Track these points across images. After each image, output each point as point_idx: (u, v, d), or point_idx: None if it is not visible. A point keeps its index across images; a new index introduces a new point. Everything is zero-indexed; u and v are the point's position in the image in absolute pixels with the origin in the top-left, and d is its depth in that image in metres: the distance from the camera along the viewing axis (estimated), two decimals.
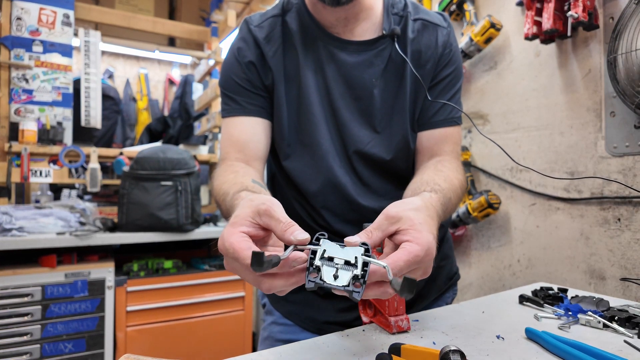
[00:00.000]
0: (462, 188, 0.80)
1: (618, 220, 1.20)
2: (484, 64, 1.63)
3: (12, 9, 2.19)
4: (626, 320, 0.69)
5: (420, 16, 0.89)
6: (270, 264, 0.43)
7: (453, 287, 1.01)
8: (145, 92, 4.33)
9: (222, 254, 0.51)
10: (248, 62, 0.86)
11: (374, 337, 0.65)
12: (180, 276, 2.03)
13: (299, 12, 0.88)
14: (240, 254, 0.47)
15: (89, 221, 2.01)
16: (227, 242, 0.49)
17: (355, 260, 0.46)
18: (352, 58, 0.85)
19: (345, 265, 0.46)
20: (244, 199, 0.57)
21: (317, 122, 0.85)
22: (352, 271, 0.45)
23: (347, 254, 0.46)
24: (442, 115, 0.88)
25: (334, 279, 0.45)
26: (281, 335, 0.92)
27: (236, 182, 0.72)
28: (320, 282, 0.45)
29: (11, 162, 2.04)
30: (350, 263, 0.46)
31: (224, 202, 0.71)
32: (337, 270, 0.45)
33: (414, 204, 0.57)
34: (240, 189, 0.68)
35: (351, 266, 0.46)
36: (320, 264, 0.45)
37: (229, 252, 0.49)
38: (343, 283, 0.44)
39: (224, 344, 2.10)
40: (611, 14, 1.21)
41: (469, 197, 1.58)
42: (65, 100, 2.30)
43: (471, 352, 0.59)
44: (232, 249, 0.48)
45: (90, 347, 1.82)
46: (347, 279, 0.45)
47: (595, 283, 1.25)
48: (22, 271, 1.72)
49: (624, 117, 1.17)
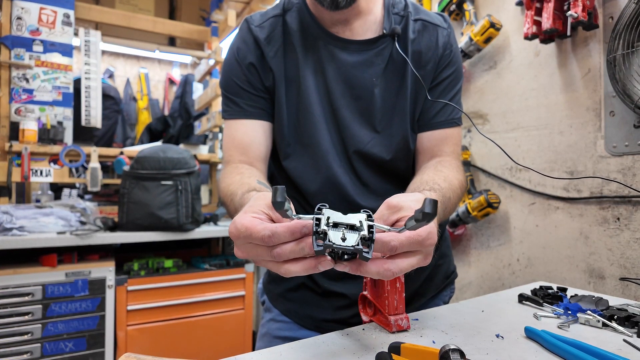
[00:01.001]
0: (461, 188, 0.81)
1: (617, 219, 1.20)
2: (484, 63, 1.63)
3: (13, 9, 2.19)
4: (625, 319, 0.69)
5: (420, 17, 0.89)
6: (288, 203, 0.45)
7: (450, 286, 1.01)
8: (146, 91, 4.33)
9: (234, 238, 0.51)
10: (248, 63, 0.87)
11: (373, 336, 0.65)
12: (180, 275, 2.04)
13: (299, 12, 0.88)
14: (253, 229, 0.48)
15: (89, 220, 2.01)
16: (239, 223, 0.49)
17: (360, 224, 0.47)
18: (353, 57, 0.85)
19: (350, 230, 0.47)
20: (255, 196, 0.58)
21: (317, 121, 0.85)
22: (358, 233, 0.46)
23: (350, 219, 0.48)
24: (442, 117, 0.88)
25: (342, 241, 0.46)
26: (279, 332, 0.93)
27: (243, 183, 0.73)
28: (329, 244, 0.45)
29: (12, 162, 2.04)
30: (356, 227, 0.47)
31: (232, 202, 0.72)
32: (344, 233, 0.46)
33: (415, 196, 0.57)
34: (249, 190, 0.69)
35: (356, 230, 0.47)
36: (326, 229, 0.46)
37: (241, 233, 0.49)
38: (352, 243, 0.45)
39: (224, 342, 2.11)
40: (611, 14, 1.21)
41: (468, 196, 1.59)
42: (66, 100, 2.30)
43: (471, 351, 0.59)
44: (245, 228, 0.49)
45: (90, 346, 1.82)
46: (356, 239, 0.46)
47: (594, 282, 1.25)
48: (23, 270, 1.72)
49: (623, 117, 1.18)
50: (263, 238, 0.47)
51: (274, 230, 0.47)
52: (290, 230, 0.47)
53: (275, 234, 0.47)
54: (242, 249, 0.52)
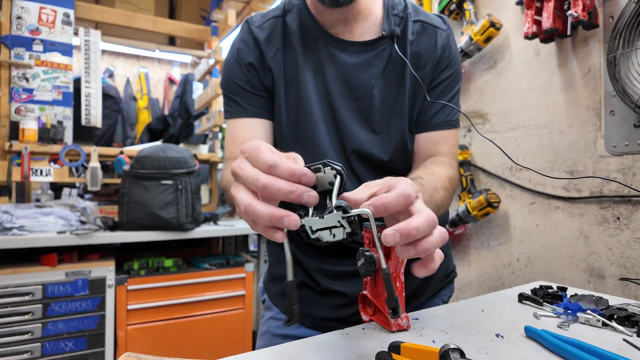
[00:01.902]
0: (450, 181, 0.81)
1: (617, 219, 1.20)
2: (484, 63, 1.63)
3: (12, 8, 2.19)
4: (625, 319, 0.69)
5: (419, 18, 0.89)
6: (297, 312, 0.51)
7: (450, 285, 1.01)
8: (146, 91, 4.33)
9: (243, 151, 0.51)
10: (248, 63, 0.87)
11: (373, 336, 0.65)
12: (180, 275, 2.04)
13: (299, 13, 0.88)
14: (262, 150, 0.49)
15: (89, 220, 2.01)
16: (256, 143, 0.50)
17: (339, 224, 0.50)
18: (352, 58, 0.85)
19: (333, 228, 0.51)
20: None
21: (317, 122, 0.85)
22: (343, 230, 0.50)
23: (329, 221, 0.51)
24: (440, 118, 0.88)
25: (334, 237, 0.50)
26: (279, 330, 0.93)
27: None
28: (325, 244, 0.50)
29: (12, 161, 2.04)
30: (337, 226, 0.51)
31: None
32: (331, 231, 0.50)
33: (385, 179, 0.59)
34: None
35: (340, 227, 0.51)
36: (316, 236, 0.50)
37: (252, 150, 0.49)
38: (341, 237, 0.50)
39: (224, 342, 2.11)
40: (611, 13, 1.21)
41: (468, 196, 1.59)
42: (66, 99, 2.30)
43: (470, 350, 0.59)
44: (257, 147, 0.49)
45: (90, 346, 1.82)
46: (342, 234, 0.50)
47: (594, 282, 1.25)
48: (23, 270, 1.73)
49: (623, 116, 1.18)
50: (266, 162, 0.48)
51: (277, 162, 0.48)
52: (291, 171, 0.48)
53: (277, 166, 0.48)
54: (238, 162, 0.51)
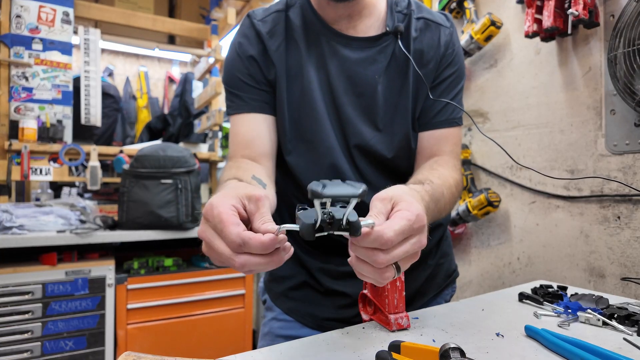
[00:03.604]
0: (457, 186, 0.81)
1: (618, 218, 1.20)
2: (484, 61, 1.63)
3: (12, 7, 2.18)
4: (625, 318, 0.69)
5: (423, 15, 0.88)
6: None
7: (452, 285, 1.01)
8: (145, 90, 4.32)
9: (206, 218, 0.50)
10: (249, 56, 0.86)
11: (373, 335, 0.65)
12: (180, 274, 2.03)
13: (302, 8, 0.88)
14: (227, 224, 0.47)
15: (89, 219, 2.01)
16: (217, 210, 0.49)
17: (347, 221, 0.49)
18: (355, 54, 0.85)
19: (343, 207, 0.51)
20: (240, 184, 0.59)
21: (320, 118, 0.84)
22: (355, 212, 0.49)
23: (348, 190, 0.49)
24: (443, 116, 0.88)
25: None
26: (281, 331, 0.93)
27: (236, 176, 0.73)
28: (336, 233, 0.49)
29: (11, 160, 2.04)
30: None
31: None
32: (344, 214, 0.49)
33: (400, 188, 0.59)
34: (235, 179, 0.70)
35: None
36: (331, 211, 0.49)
37: (215, 221, 0.48)
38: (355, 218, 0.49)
39: (224, 341, 2.11)
40: (612, 12, 1.21)
41: (469, 195, 1.58)
42: (65, 98, 2.29)
43: (471, 349, 0.59)
44: (220, 219, 0.48)
45: (90, 345, 1.82)
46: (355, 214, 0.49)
47: (594, 281, 1.25)
48: (23, 269, 1.72)
49: (624, 115, 1.17)
50: (233, 241, 0.45)
51: (246, 240, 0.46)
52: (263, 245, 0.46)
53: (246, 245, 0.46)
54: (205, 233, 0.50)
